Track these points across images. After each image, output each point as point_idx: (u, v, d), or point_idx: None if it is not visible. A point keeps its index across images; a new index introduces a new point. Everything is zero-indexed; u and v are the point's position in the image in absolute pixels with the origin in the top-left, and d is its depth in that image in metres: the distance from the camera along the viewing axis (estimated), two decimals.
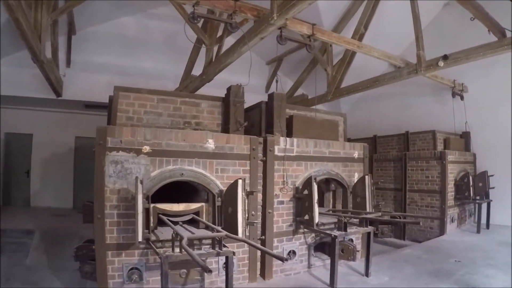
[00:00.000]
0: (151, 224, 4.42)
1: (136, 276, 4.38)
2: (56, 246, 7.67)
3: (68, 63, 9.78)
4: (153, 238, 4.26)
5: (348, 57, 9.48)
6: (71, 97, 9.88)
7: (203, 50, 7.83)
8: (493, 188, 8.85)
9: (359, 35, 8.34)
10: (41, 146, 12.55)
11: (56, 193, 12.54)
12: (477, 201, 8.70)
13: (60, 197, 12.56)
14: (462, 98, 9.88)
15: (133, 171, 4.39)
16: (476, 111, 9.77)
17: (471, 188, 8.46)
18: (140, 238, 3.81)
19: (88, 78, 9.69)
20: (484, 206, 8.85)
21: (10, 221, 9.50)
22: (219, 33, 7.35)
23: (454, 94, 9.85)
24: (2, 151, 12.36)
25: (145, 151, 4.46)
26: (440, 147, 9.36)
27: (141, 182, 3.96)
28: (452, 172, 8.73)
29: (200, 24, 6.96)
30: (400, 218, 6.94)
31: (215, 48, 7.46)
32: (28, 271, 6.33)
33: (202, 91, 7.62)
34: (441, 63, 7.09)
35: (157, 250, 3.99)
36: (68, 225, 9.34)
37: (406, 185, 9.22)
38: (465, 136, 10.09)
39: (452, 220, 8.72)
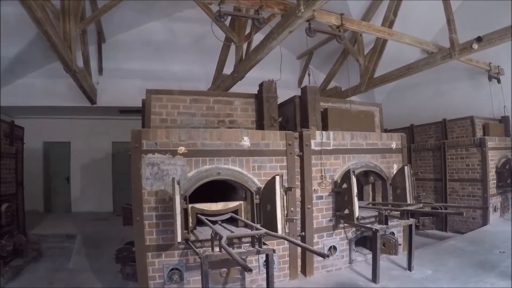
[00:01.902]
0: (190, 225, 4.43)
1: (177, 277, 4.42)
2: (97, 250, 7.86)
3: (100, 71, 10.03)
4: (192, 238, 4.28)
5: (380, 45, 9.32)
6: (105, 104, 10.15)
7: (232, 48, 7.84)
8: None
9: (388, 22, 8.14)
10: (79, 153, 12.91)
11: (96, 198, 12.87)
12: None
13: (100, 201, 12.87)
14: (499, 81, 9.50)
15: (170, 172, 4.43)
16: None
17: None
18: (179, 239, 3.82)
19: (120, 84, 9.92)
20: None
21: (53, 227, 9.81)
22: (247, 31, 7.33)
23: (490, 78, 9.48)
24: (42, 160, 12.77)
25: (180, 152, 4.49)
26: (479, 133, 9.10)
27: (178, 183, 3.97)
28: (493, 159, 8.45)
29: (227, 23, 6.96)
30: (441, 209, 6.74)
31: (245, 46, 7.42)
32: (71, 274, 6.52)
33: (235, 89, 7.65)
34: (475, 46, 6.85)
35: (197, 250, 3.99)
36: (109, 229, 9.54)
37: (446, 174, 8.99)
38: (505, 121, 9.74)
39: (495, 209, 8.45)
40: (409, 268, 5.29)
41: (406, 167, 5.67)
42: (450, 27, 7.28)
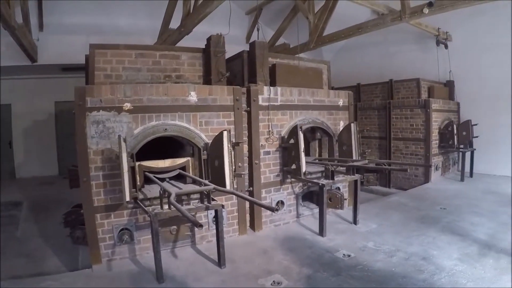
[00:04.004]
0: (138, 183, 4.35)
1: (127, 237, 4.37)
2: (45, 215, 7.62)
3: (41, 26, 9.38)
4: (140, 196, 4.22)
5: (331, 4, 9.22)
6: (47, 62, 9.51)
7: (180, 2, 7.49)
8: (477, 137, 8.96)
9: None
10: (20, 115, 12.22)
11: (40, 162, 12.39)
12: (461, 149, 8.86)
13: (45, 165, 12.42)
14: (446, 46, 9.86)
15: (116, 130, 4.28)
16: (460, 60, 9.77)
17: (455, 137, 8.59)
18: (127, 198, 3.76)
19: (62, 40, 9.29)
20: (468, 155, 9.01)
21: None
22: None
23: (438, 43, 9.82)
24: None
25: (126, 109, 4.33)
26: (424, 95, 9.41)
27: (125, 141, 3.86)
28: (436, 121, 8.82)
29: None
30: (386, 165, 7.01)
31: None
32: (20, 243, 6.29)
33: (181, 44, 7.35)
34: (425, 10, 6.93)
35: (146, 208, 3.94)
36: (55, 192, 9.30)
37: (391, 133, 9.31)
38: (449, 85, 10.12)
39: (436, 168, 8.91)
40: (355, 222, 5.50)
41: (352, 124, 5.82)
42: None
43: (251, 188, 5.30)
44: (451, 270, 3.83)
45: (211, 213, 4.75)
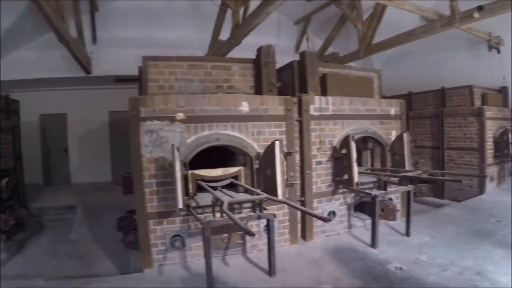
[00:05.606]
0: (191, 191, 4.46)
1: (179, 243, 4.46)
2: (98, 219, 7.89)
3: (94, 40, 9.87)
4: (193, 204, 4.30)
5: (379, 12, 9.17)
6: (101, 73, 10.01)
7: (228, 14, 7.65)
8: None
9: None
10: (76, 124, 12.76)
11: (94, 169, 12.83)
12: None
13: (98, 172, 12.85)
14: (498, 51, 9.51)
15: (169, 139, 4.40)
16: None
17: (511, 146, 8.25)
18: (180, 205, 3.82)
19: (115, 53, 9.74)
20: None
21: (53, 199, 9.83)
22: None
23: (490, 48, 9.52)
24: (39, 133, 12.63)
25: (179, 118, 4.45)
26: (477, 103, 9.10)
27: (178, 149, 3.96)
28: (491, 129, 8.44)
29: None
30: (439, 176, 6.78)
31: (241, 11, 7.25)
32: (73, 245, 6.54)
33: (231, 55, 7.51)
34: (476, 15, 6.74)
35: (198, 216, 4.00)
36: (108, 198, 9.58)
37: (444, 142, 9.01)
38: (503, 91, 9.77)
39: (491, 179, 8.50)
40: (407, 234, 5.34)
41: (405, 134, 5.68)
42: None
43: (303, 198, 5.27)
44: (507, 285, 3.65)
45: (263, 222, 4.75)
